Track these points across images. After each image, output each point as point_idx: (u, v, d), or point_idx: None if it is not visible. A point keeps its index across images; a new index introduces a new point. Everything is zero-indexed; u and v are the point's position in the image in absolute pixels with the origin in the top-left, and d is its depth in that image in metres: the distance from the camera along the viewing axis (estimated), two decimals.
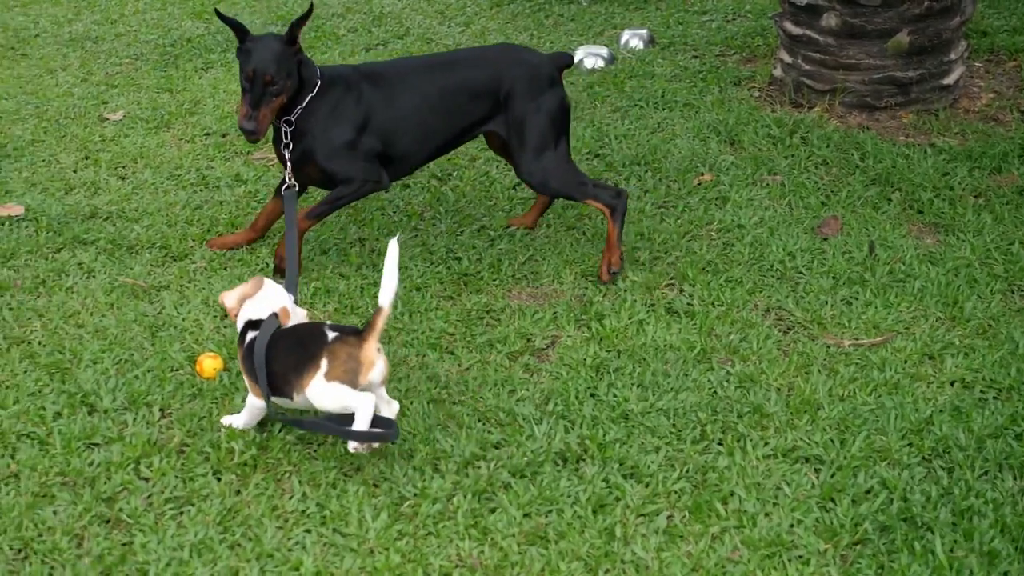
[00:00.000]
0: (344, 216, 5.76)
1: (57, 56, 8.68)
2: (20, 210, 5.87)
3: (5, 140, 6.91)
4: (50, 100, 7.65)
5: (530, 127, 5.09)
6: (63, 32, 9.31)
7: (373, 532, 3.67)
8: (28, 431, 4.15)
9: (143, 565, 3.55)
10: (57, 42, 9.04)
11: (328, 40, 8.77)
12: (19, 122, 7.25)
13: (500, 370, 4.51)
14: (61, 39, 9.12)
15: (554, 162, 5.11)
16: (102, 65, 8.43)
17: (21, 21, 9.62)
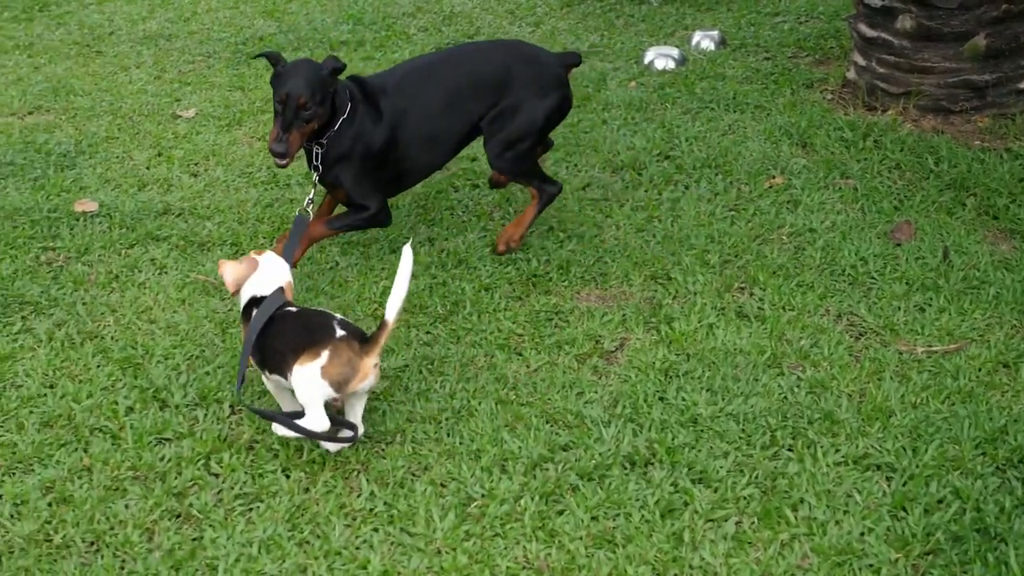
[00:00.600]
0: (413, 215, 5.77)
1: (131, 54, 8.77)
2: (95, 206, 5.94)
3: (80, 137, 6.99)
4: (124, 97, 7.73)
5: (520, 119, 5.20)
6: (137, 30, 9.41)
7: (440, 532, 3.67)
8: (101, 425, 4.20)
9: (212, 560, 3.58)
10: (131, 40, 9.14)
11: (399, 39, 8.79)
12: (94, 119, 7.33)
13: (568, 372, 4.50)
14: (135, 37, 9.21)
15: (524, 156, 5.30)
16: (175, 63, 8.51)
17: (96, 19, 9.73)
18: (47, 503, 3.82)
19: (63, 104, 7.63)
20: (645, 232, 5.55)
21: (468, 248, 5.39)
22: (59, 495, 3.85)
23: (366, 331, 4.03)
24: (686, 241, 5.43)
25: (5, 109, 7.57)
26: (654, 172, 6.15)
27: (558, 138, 6.66)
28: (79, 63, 8.58)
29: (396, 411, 4.25)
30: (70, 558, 3.59)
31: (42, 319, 4.90)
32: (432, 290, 5.07)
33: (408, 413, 4.25)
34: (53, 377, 4.52)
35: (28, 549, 3.62)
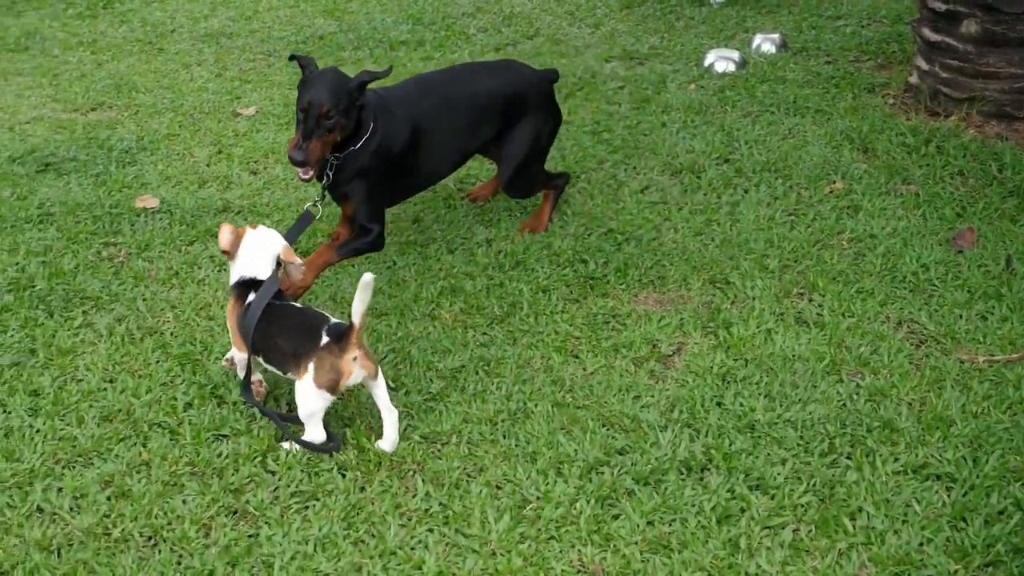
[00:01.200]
0: (471, 216, 5.77)
1: (193, 52, 8.85)
2: (155, 202, 5.99)
3: (142, 133, 7.05)
4: (185, 95, 7.79)
5: (528, 142, 5.37)
6: (199, 28, 9.48)
7: (495, 534, 3.67)
8: (160, 420, 4.23)
9: (268, 557, 3.59)
10: (193, 38, 9.21)
11: (458, 39, 8.81)
12: (155, 116, 7.39)
13: (625, 375, 4.49)
14: (197, 35, 9.29)
15: (535, 179, 5.53)
16: (236, 61, 8.57)
17: (159, 17, 9.81)
18: (106, 497, 3.84)
19: (125, 101, 7.70)
20: (704, 236, 5.52)
21: (526, 250, 5.38)
22: (118, 489, 3.88)
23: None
24: (745, 245, 5.40)
25: (69, 105, 7.65)
26: (713, 175, 6.12)
27: (617, 139, 6.64)
28: (142, 60, 8.66)
29: (452, 412, 4.25)
30: (128, 552, 3.62)
31: (103, 314, 4.95)
32: (489, 291, 5.07)
33: (464, 414, 4.25)
34: (113, 372, 4.55)
35: (87, 542, 3.65)
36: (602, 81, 7.69)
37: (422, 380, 4.45)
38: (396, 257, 5.39)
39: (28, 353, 4.68)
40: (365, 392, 4.18)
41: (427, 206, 5.91)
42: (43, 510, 3.80)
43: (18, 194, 6.16)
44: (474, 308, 4.96)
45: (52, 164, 6.58)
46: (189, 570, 3.54)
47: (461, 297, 5.03)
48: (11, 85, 8.12)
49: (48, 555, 3.60)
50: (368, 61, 8.36)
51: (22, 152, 6.74)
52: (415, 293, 5.07)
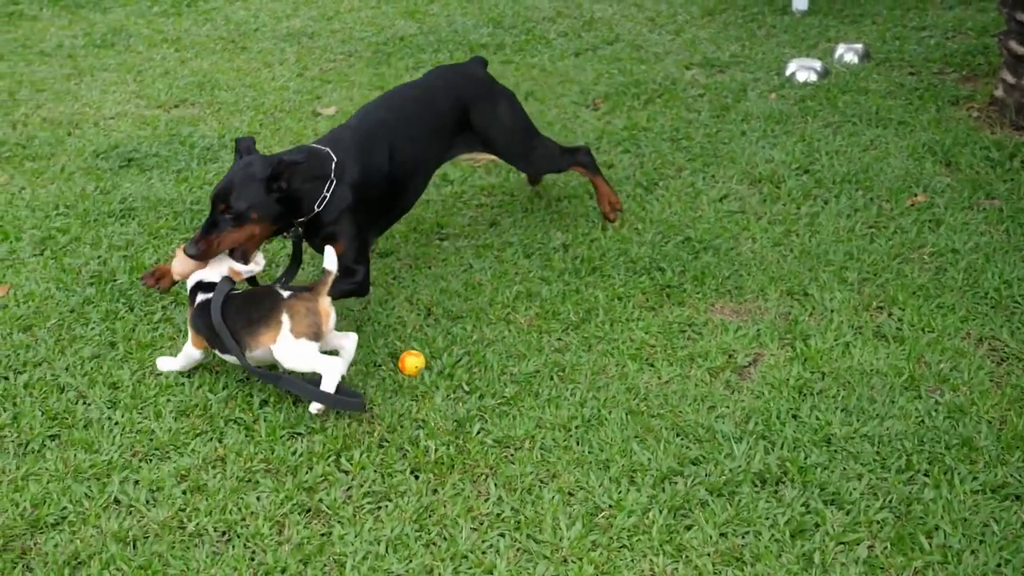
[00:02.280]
0: (548, 220, 5.77)
1: (275, 50, 8.92)
2: None
3: (224, 131, 7.12)
4: (267, 93, 7.86)
5: (510, 122, 5.42)
6: (281, 27, 9.56)
7: (567, 541, 3.66)
8: (236, 416, 4.26)
9: (340, 556, 3.61)
10: (275, 37, 9.29)
11: (538, 43, 8.81)
12: (237, 113, 7.46)
13: (700, 385, 4.46)
14: (279, 34, 9.36)
15: (541, 149, 5.59)
16: (317, 61, 8.63)
17: (242, 15, 9.91)
18: (181, 491, 3.88)
19: (208, 98, 7.78)
20: (782, 246, 5.48)
21: (602, 256, 5.37)
22: (193, 483, 3.92)
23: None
24: (824, 257, 5.34)
25: (152, 102, 7.74)
26: (793, 186, 6.07)
27: (695, 147, 6.61)
28: (224, 58, 8.75)
29: (526, 417, 4.25)
30: (202, 546, 3.65)
31: (182, 309, 4.99)
32: (565, 297, 5.06)
33: (538, 419, 4.24)
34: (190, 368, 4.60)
35: (162, 535, 3.69)
36: (682, 88, 7.66)
37: (496, 384, 4.45)
38: (472, 260, 5.40)
39: (108, 346, 4.74)
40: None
41: (504, 210, 5.92)
42: (120, 502, 3.85)
43: (101, 188, 6.25)
44: (550, 313, 4.95)
45: (135, 160, 6.66)
46: (262, 567, 3.56)
47: (537, 302, 5.03)
48: (96, 81, 8.24)
49: (124, 546, 3.64)
50: (448, 64, 8.38)
51: (106, 147, 6.84)
52: (491, 297, 5.07)
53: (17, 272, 5.33)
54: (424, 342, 4.72)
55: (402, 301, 5.06)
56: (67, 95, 7.94)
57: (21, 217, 5.90)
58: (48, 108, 7.66)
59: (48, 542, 3.65)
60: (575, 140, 6.81)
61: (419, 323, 4.89)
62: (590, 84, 7.85)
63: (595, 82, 7.88)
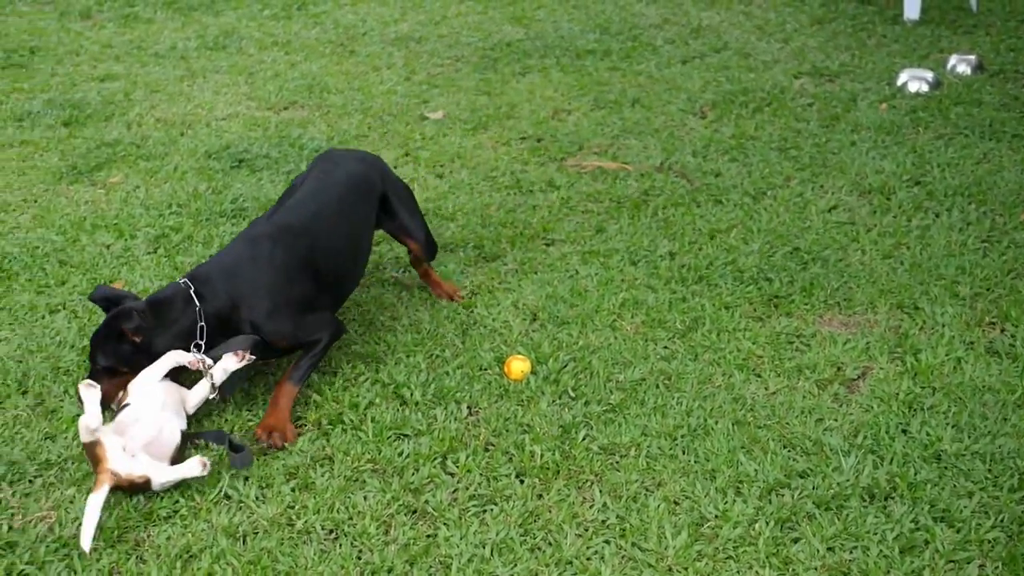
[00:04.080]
0: (655, 228, 5.76)
1: (383, 54, 9.00)
2: None
3: (332, 133, 7.20)
4: (375, 97, 7.93)
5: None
6: (389, 31, 9.64)
7: (672, 550, 3.64)
8: (343, 417, 4.30)
9: (446, 558, 3.62)
10: (383, 41, 9.37)
11: (644, 50, 8.79)
12: (345, 116, 7.54)
13: (808, 397, 4.41)
14: (387, 38, 9.45)
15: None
16: (424, 65, 8.69)
17: (351, 19, 10.01)
18: (290, 488, 3.93)
19: (317, 101, 7.87)
20: (892, 259, 5.41)
21: (709, 265, 5.34)
22: (302, 481, 3.96)
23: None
24: (935, 271, 5.27)
25: (263, 103, 7.85)
26: (903, 198, 5.99)
27: (804, 157, 6.56)
28: (333, 61, 8.84)
29: (632, 424, 4.24)
30: (310, 544, 3.69)
31: None
32: (671, 305, 5.04)
33: (643, 427, 4.23)
34: None
35: (271, 531, 3.73)
36: (790, 97, 7.60)
37: (602, 391, 4.45)
38: (578, 266, 5.40)
39: None
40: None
41: (610, 216, 5.91)
42: (230, 497, 3.90)
43: (213, 188, 6.35)
44: (656, 321, 4.94)
45: (246, 160, 6.76)
46: (369, 566, 3.59)
47: (643, 309, 5.02)
48: (209, 82, 8.37)
49: (234, 541, 3.69)
50: (555, 69, 8.40)
51: (218, 148, 6.95)
52: (597, 303, 5.07)
53: (132, 269, 5.43)
54: (530, 347, 4.73)
55: (508, 306, 5.07)
56: (180, 96, 8.08)
57: (136, 215, 6.02)
58: (162, 109, 7.80)
59: (161, 535, 3.71)
60: (682, 147, 6.79)
61: (525, 328, 4.90)
62: (697, 92, 7.82)
63: (702, 90, 7.85)
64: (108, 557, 3.61)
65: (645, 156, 6.73)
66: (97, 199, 6.29)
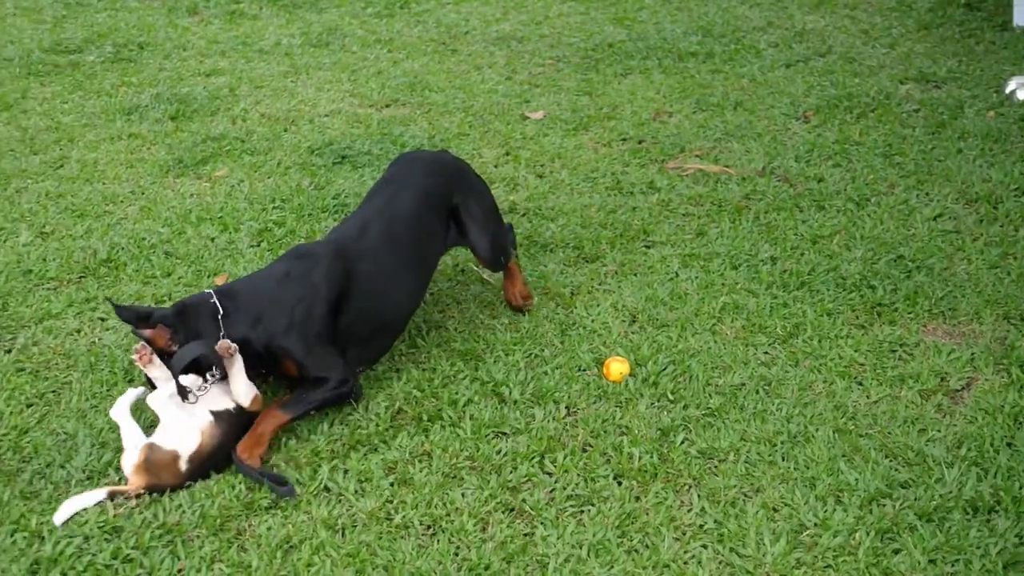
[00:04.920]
0: (757, 232, 5.72)
1: (484, 53, 9.03)
2: None
3: (433, 131, 7.24)
4: (476, 96, 7.96)
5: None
6: (490, 31, 9.67)
7: (770, 557, 3.62)
8: (442, 413, 4.32)
9: (543, 557, 3.63)
10: (485, 40, 9.40)
11: (747, 53, 8.73)
12: (447, 115, 7.58)
13: (911, 407, 4.35)
14: (489, 37, 9.48)
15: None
16: (526, 64, 8.71)
17: (453, 18, 10.06)
18: (389, 483, 3.96)
19: (418, 99, 7.92)
20: (999, 269, 5.31)
21: (811, 271, 5.29)
22: (400, 476, 3.99)
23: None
24: None
25: (365, 100, 7.92)
26: (1011, 207, 5.89)
27: (909, 164, 6.47)
28: (435, 60, 8.89)
29: (731, 429, 4.21)
30: (408, 538, 3.71)
31: None
32: (772, 311, 5.00)
33: (743, 432, 4.20)
34: (399, 362, 4.68)
35: (370, 525, 3.76)
36: (896, 103, 7.50)
37: (701, 395, 4.43)
38: (679, 269, 5.38)
39: None
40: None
41: (711, 220, 5.88)
42: (329, 490, 3.94)
43: (316, 184, 6.42)
44: (756, 326, 4.90)
45: (348, 157, 6.82)
46: (466, 562, 3.61)
47: (743, 314, 4.99)
48: (312, 79, 8.46)
49: (333, 534, 3.73)
50: (656, 71, 8.38)
51: (320, 144, 7.02)
52: (696, 307, 5.05)
53: (235, 262, 5.51)
54: (629, 349, 4.72)
55: (607, 307, 5.07)
56: (284, 92, 8.18)
57: (240, 209, 6.10)
58: (266, 104, 7.90)
59: (262, 525, 3.76)
60: (785, 152, 6.73)
61: (624, 329, 4.89)
62: (800, 96, 7.75)
63: (806, 94, 7.78)
64: (210, 545, 3.67)
65: (747, 160, 6.68)
66: (202, 192, 6.38)
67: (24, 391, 4.52)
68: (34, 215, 6.11)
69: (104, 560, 3.59)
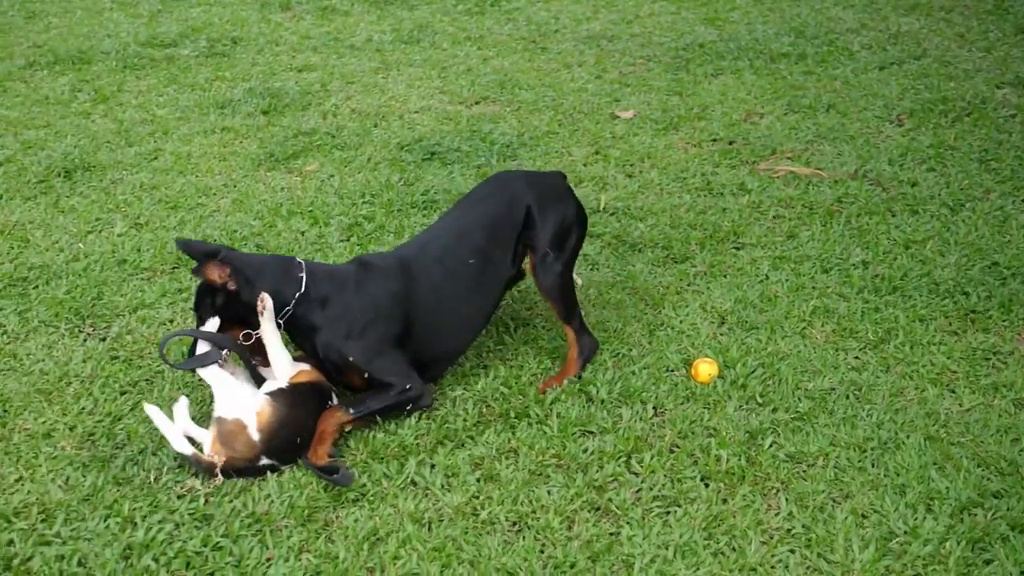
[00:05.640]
0: (847, 235, 5.66)
1: (574, 52, 9.03)
2: None
3: (523, 129, 7.24)
4: (566, 94, 7.96)
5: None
6: (580, 29, 9.67)
7: (859, 563, 3.58)
8: (529, 411, 4.32)
9: (628, 557, 3.62)
10: (575, 39, 9.40)
11: (840, 55, 8.65)
12: (536, 113, 7.59)
13: (1004, 416, 4.28)
14: (579, 36, 9.47)
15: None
16: (616, 64, 8.69)
17: (543, 16, 10.07)
18: (475, 479, 3.97)
19: (508, 97, 7.94)
20: None
21: (904, 276, 5.23)
22: (487, 472, 4.00)
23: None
24: None
25: (455, 97, 7.94)
26: None
27: (1006, 170, 6.37)
28: (525, 58, 8.90)
29: (820, 434, 4.17)
30: (494, 535, 3.72)
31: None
32: (864, 315, 4.95)
33: (832, 437, 4.16)
34: (486, 359, 4.69)
35: (456, 520, 3.77)
36: (992, 108, 7.39)
37: (790, 398, 4.39)
38: (768, 271, 5.34)
39: None
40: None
41: (802, 222, 5.84)
42: (416, 484, 3.96)
43: (405, 180, 6.45)
44: (847, 331, 4.85)
45: (437, 153, 6.85)
46: (551, 560, 3.61)
47: (834, 318, 4.94)
48: (403, 76, 8.51)
49: (420, 527, 3.74)
50: (748, 72, 8.32)
51: (410, 140, 7.06)
52: (786, 310, 5.01)
53: (325, 255, 5.55)
54: (717, 350, 4.69)
55: (696, 308, 5.04)
56: (375, 88, 8.23)
57: (330, 203, 6.15)
58: (357, 100, 7.96)
59: (349, 516, 3.79)
60: (878, 155, 6.66)
61: (713, 331, 4.87)
62: (894, 99, 7.65)
63: (900, 97, 7.69)
64: (298, 535, 3.70)
65: (839, 163, 6.62)
66: (293, 186, 6.44)
67: (118, 379, 4.59)
68: (129, 206, 6.20)
69: (194, 547, 3.64)
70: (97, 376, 4.61)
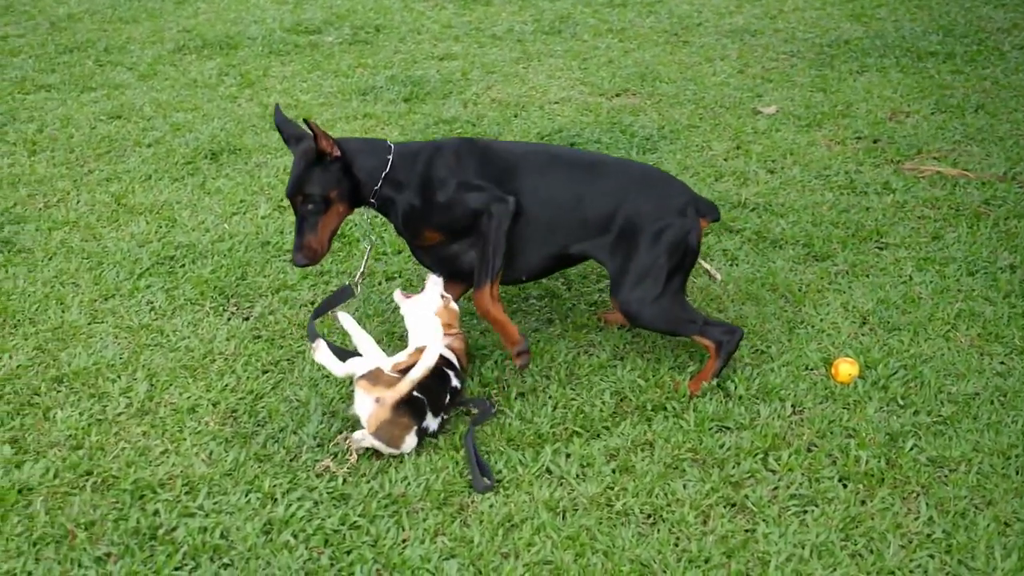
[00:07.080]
0: (995, 238, 5.54)
1: (716, 46, 8.96)
2: None
3: (663, 122, 7.22)
4: (707, 88, 7.91)
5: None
6: (723, 23, 9.60)
7: (1000, 572, 3.50)
8: (665, 404, 4.31)
9: (764, 555, 3.59)
10: (717, 32, 9.33)
11: (991, 55, 8.46)
12: (677, 106, 7.55)
13: None
14: (721, 30, 9.40)
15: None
16: (759, 59, 8.61)
17: (686, 9, 10.01)
18: (611, 469, 3.97)
19: (649, 89, 7.91)
20: None
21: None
22: (622, 464, 4.00)
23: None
24: None
25: (595, 89, 7.94)
26: None
27: None
28: (666, 51, 8.87)
29: (962, 439, 4.09)
30: (628, 526, 3.71)
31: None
32: (1011, 319, 4.84)
33: (975, 443, 4.07)
34: (623, 350, 4.69)
35: (590, 510, 3.78)
36: None
37: (932, 402, 4.31)
38: (912, 272, 5.25)
39: (546, 322, 4.91)
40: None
41: (948, 223, 5.73)
42: (551, 472, 3.97)
43: None
44: (992, 335, 4.75)
45: (577, 144, 6.86)
46: (685, 553, 3.60)
47: (979, 322, 4.84)
48: (543, 66, 8.53)
49: (554, 516, 3.75)
50: (894, 70, 8.19)
51: (550, 131, 7.07)
52: (930, 312, 4.92)
53: None
54: (858, 350, 4.63)
55: (837, 307, 4.98)
56: (515, 78, 8.27)
57: None
58: (497, 89, 8.00)
59: (484, 502, 3.81)
60: None
61: (854, 331, 4.80)
62: None
63: None
64: (434, 518, 3.74)
65: (988, 164, 6.48)
66: None
67: (260, 358, 4.68)
68: (272, 188, 6.31)
69: (332, 525, 3.70)
70: (240, 354, 4.70)
